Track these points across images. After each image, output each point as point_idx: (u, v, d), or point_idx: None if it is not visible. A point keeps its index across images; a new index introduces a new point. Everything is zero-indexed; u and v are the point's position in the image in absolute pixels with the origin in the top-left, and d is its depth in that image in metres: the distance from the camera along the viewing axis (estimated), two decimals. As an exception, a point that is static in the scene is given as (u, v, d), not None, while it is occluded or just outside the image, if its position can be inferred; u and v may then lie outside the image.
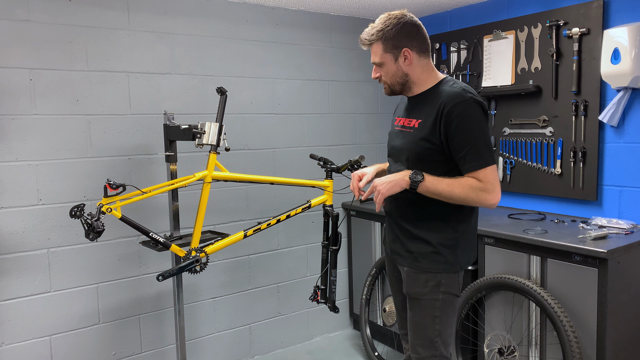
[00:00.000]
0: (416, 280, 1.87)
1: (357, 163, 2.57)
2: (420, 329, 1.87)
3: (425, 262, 1.85)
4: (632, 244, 2.25)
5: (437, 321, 1.84)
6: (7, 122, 2.42)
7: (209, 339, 3.10)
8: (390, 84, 1.88)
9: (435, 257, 1.83)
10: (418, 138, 1.80)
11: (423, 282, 1.85)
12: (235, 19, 3.05)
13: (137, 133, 2.76)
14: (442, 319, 1.85)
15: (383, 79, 1.88)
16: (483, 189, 1.70)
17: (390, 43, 1.80)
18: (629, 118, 2.58)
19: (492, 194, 1.71)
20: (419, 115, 1.84)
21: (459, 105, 1.70)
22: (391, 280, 2.15)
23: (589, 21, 2.66)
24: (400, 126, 1.94)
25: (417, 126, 1.82)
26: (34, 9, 2.45)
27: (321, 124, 3.46)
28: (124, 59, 2.70)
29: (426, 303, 1.85)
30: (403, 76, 1.84)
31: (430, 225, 1.84)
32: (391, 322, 3.22)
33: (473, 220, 1.90)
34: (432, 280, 1.84)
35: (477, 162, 1.70)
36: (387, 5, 3.24)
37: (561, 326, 2.24)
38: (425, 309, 1.86)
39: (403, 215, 1.90)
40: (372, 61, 1.88)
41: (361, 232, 3.50)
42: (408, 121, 1.88)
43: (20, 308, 2.50)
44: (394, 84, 1.87)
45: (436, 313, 1.84)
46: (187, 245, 2.32)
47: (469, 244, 1.89)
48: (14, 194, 2.46)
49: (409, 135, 1.86)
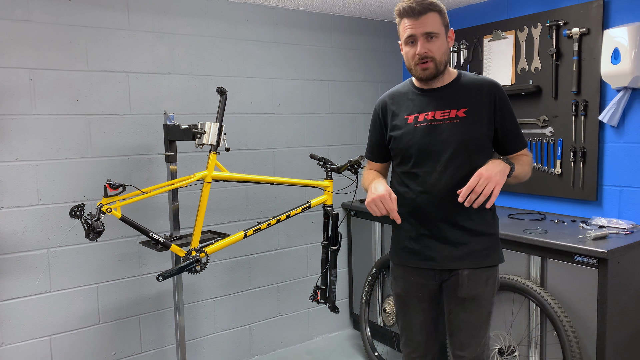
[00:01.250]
0: (478, 280, 1.77)
1: (357, 163, 2.57)
2: (475, 328, 1.80)
3: (491, 256, 1.79)
4: (632, 244, 2.25)
5: (490, 317, 1.83)
6: (7, 122, 2.42)
7: (209, 339, 3.10)
8: (438, 62, 1.71)
9: (496, 249, 1.81)
10: (471, 126, 1.72)
11: (484, 280, 1.77)
12: (235, 19, 3.05)
13: (137, 133, 2.76)
14: (491, 314, 1.84)
15: (431, 55, 1.69)
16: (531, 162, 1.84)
17: (445, 17, 1.71)
18: (629, 118, 2.58)
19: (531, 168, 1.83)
20: (459, 104, 1.75)
21: (502, 91, 1.78)
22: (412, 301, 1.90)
23: (589, 21, 2.66)
24: (428, 121, 1.77)
25: (466, 115, 1.73)
26: (34, 9, 2.45)
27: (321, 124, 3.46)
28: (124, 59, 2.70)
29: (484, 302, 1.79)
30: (448, 56, 1.76)
31: (486, 216, 1.78)
32: (391, 322, 3.22)
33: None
34: (491, 277, 1.80)
35: (524, 140, 1.82)
36: (387, 5, 3.25)
37: (561, 326, 2.24)
38: (482, 308, 1.79)
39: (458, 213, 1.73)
40: (424, 31, 1.67)
41: (361, 232, 3.50)
42: (443, 113, 1.75)
43: (20, 308, 2.50)
44: (441, 63, 1.72)
45: (491, 309, 1.81)
46: (187, 245, 2.32)
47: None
48: (14, 194, 2.46)
49: (457, 126, 1.73)
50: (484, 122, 1.74)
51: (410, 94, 1.86)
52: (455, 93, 1.77)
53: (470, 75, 1.82)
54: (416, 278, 1.87)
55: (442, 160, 1.74)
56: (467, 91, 1.76)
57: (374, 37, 3.65)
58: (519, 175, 1.75)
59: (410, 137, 1.80)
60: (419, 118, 1.80)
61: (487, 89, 1.75)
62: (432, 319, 1.92)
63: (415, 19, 1.67)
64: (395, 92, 1.93)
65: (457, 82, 1.79)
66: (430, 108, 1.79)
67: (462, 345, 1.83)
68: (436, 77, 1.74)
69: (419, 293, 1.88)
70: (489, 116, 1.74)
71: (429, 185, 1.76)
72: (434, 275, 1.83)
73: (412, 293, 1.89)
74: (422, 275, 1.85)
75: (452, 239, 1.77)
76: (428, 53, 1.69)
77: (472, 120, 1.73)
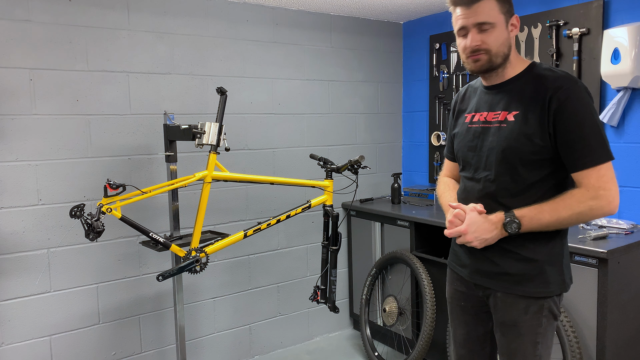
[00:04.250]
0: (514, 305, 1.55)
1: (357, 163, 2.57)
2: (517, 356, 1.58)
3: (530, 285, 1.53)
4: (632, 244, 2.25)
5: (538, 347, 1.55)
6: (7, 122, 2.42)
7: (209, 339, 3.10)
8: (494, 54, 1.49)
9: (542, 279, 1.52)
10: (517, 134, 1.48)
11: (523, 308, 1.54)
12: (235, 19, 3.05)
13: (137, 133, 2.76)
14: (544, 344, 1.56)
15: (485, 47, 1.48)
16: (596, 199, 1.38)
17: (505, 4, 1.48)
18: (629, 118, 2.58)
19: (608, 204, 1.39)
20: (513, 105, 1.52)
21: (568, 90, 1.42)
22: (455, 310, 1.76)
23: (589, 21, 2.66)
24: (480, 122, 1.60)
25: (514, 119, 1.50)
26: (34, 9, 2.45)
27: (321, 124, 3.46)
28: (124, 59, 2.70)
29: (526, 329, 1.55)
30: (509, 48, 1.51)
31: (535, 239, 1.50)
32: (391, 322, 3.22)
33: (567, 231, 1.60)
34: (534, 305, 1.53)
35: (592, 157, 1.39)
36: (387, 6, 3.25)
37: (561, 326, 2.24)
38: (524, 336, 1.55)
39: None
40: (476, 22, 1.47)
41: (361, 232, 3.50)
42: (495, 115, 1.56)
43: (20, 308, 2.50)
44: (498, 55, 1.49)
45: (538, 339, 1.55)
46: (187, 245, 2.32)
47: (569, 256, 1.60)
48: (14, 194, 2.46)
49: (502, 132, 1.52)
50: (532, 130, 1.46)
51: (478, 90, 1.67)
52: (513, 91, 1.53)
53: (543, 68, 1.51)
54: (458, 285, 1.72)
55: (482, 168, 1.58)
56: (527, 90, 1.49)
57: (374, 37, 3.65)
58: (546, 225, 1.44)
59: (462, 138, 1.67)
60: (475, 118, 1.63)
61: (546, 88, 1.45)
62: (477, 336, 1.72)
63: (467, 7, 1.47)
64: (469, 86, 1.75)
65: (521, 78, 1.52)
66: (486, 107, 1.60)
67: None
68: (490, 71, 1.53)
69: (462, 302, 1.72)
70: (540, 122, 1.45)
71: (469, 192, 1.63)
72: (473, 287, 1.66)
73: (455, 301, 1.75)
74: (463, 284, 1.70)
75: (481, 253, 1.58)
76: (481, 45, 1.48)
77: (519, 126, 1.48)
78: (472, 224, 1.49)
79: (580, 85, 1.44)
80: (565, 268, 1.56)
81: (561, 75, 1.47)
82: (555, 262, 1.53)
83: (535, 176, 1.49)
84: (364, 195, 3.66)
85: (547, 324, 1.55)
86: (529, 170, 1.49)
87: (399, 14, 3.54)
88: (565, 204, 1.43)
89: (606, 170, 1.40)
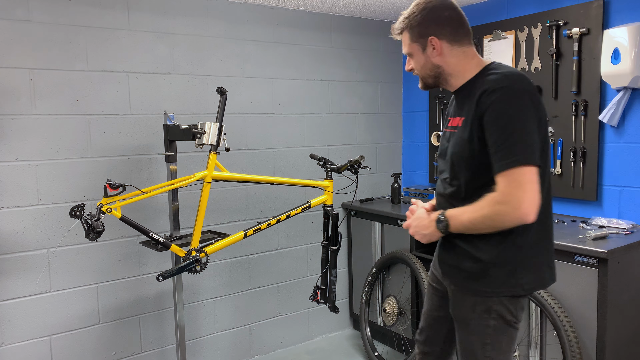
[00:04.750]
0: (463, 302, 1.60)
1: (357, 163, 2.57)
2: (469, 355, 1.62)
3: (474, 284, 1.56)
4: (632, 244, 2.25)
5: (487, 348, 1.56)
6: (7, 122, 2.42)
7: (209, 339, 3.10)
8: (422, 76, 1.65)
9: (486, 280, 1.54)
10: (459, 139, 1.54)
11: (471, 306, 1.58)
12: (235, 19, 3.05)
13: (137, 133, 2.76)
14: (495, 347, 1.56)
15: (415, 72, 1.67)
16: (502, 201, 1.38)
17: (416, 31, 1.59)
18: (629, 118, 2.58)
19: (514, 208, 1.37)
20: (462, 111, 1.56)
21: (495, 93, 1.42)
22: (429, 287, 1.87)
23: (589, 21, 2.66)
24: (449, 127, 1.67)
25: (461, 125, 1.56)
26: (34, 9, 2.45)
27: (321, 124, 3.46)
28: (124, 59, 2.70)
29: (474, 328, 1.58)
30: (434, 68, 1.60)
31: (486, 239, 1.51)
32: (391, 322, 3.22)
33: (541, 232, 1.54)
34: (481, 305, 1.55)
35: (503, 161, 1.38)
36: (387, 6, 3.25)
37: (561, 326, 2.24)
38: (473, 334, 1.59)
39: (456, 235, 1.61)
40: (404, 52, 1.67)
41: (361, 232, 3.50)
42: (452, 120, 1.64)
43: (20, 308, 2.50)
44: (425, 77, 1.64)
45: (487, 340, 1.56)
46: (187, 245, 2.32)
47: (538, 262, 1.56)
48: (14, 194, 2.46)
49: (454, 137, 1.59)
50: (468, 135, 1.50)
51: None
52: (465, 96, 1.57)
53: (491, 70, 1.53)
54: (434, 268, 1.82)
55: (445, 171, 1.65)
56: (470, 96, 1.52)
57: (374, 37, 3.65)
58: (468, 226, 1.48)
59: (440, 142, 1.75)
60: (448, 123, 1.70)
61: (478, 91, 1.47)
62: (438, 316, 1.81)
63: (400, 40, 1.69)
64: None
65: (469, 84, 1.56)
66: (453, 113, 1.67)
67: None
68: (434, 86, 1.67)
69: (433, 284, 1.82)
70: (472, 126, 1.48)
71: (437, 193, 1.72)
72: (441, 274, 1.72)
73: (430, 279, 1.86)
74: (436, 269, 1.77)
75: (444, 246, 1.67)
76: (412, 70, 1.68)
77: (463, 132, 1.53)
78: (415, 219, 1.64)
79: (513, 86, 1.43)
80: (520, 271, 1.53)
81: (497, 78, 1.46)
82: (505, 264, 1.52)
83: (480, 181, 1.49)
84: (364, 195, 3.66)
85: (496, 326, 1.55)
86: (473, 175, 1.51)
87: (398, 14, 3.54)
88: (479, 206, 1.44)
89: (519, 175, 1.37)
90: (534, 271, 1.55)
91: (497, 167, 1.40)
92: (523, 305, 1.59)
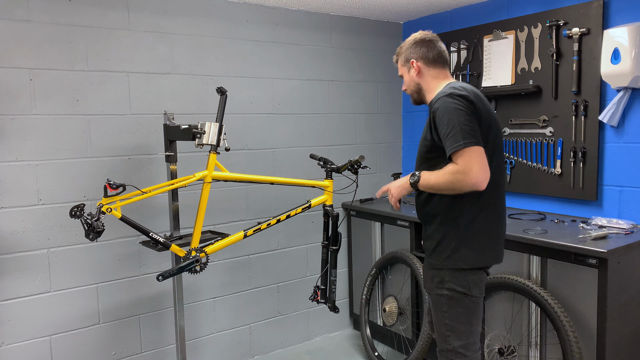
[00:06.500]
0: (426, 275, 2.03)
1: (357, 163, 2.57)
2: (436, 323, 2.00)
3: (430, 258, 1.98)
4: (632, 244, 2.25)
5: (445, 316, 1.94)
6: (7, 122, 2.42)
7: (209, 339, 3.10)
8: (410, 92, 2.10)
9: (436, 252, 1.95)
10: (423, 139, 1.98)
11: (430, 277, 1.99)
12: (235, 19, 3.05)
13: (137, 133, 2.76)
14: (451, 315, 1.93)
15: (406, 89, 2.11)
16: (457, 170, 1.76)
17: (403, 57, 2.07)
18: (629, 118, 2.58)
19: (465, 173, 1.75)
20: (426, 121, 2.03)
21: (439, 101, 1.86)
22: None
23: (589, 21, 2.66)
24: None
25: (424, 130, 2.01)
26: (34, 9, 2.45)
27: (321, 124, 3.46)
28: (124, 59, 2.70)
29: (434, 298, 1.98)
30: (416, 85, 2.04)
31: (434, 222, 1.97)
32: (391, 322, 3.22)
33: (483, 218, 1.91)
34: (436, 277, 1.96)
35: (453, 145, 1.78)
36: (387, 6, 3.25)
37: (561, 326, 2.24)
38: (435, 304, 1.98)
39: (421, 218, 2.07)
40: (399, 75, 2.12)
41: (361, 232, 3.50)
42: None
43: (20, 308, 2.50)
44: (412, 93, 2.09)
45: (444, 308, 1.94)
46: (187, 245, 2.32)
47: (479, 243, 1.91)
48: (14, 194, 2.46)
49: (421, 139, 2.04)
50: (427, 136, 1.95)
51: None
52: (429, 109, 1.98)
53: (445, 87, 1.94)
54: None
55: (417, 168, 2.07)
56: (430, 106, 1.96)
57: (374, 37, 3.65)
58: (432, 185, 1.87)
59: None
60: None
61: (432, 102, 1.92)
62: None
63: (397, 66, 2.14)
64: None
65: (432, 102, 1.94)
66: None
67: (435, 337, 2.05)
68: (417, 103, 2.11)
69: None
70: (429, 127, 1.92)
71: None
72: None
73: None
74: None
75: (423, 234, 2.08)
76: (406, 91, 2.12)
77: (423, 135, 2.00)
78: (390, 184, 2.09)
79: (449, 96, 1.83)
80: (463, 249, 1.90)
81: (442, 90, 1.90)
82: (450, 242, 1.91)
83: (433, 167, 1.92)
84: (364, 195, 3.66)
85: (449, 296, 1.92)
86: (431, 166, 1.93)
87: (399, 14, 3.54)
88: (443, 173, 1.82)
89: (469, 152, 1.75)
90: (476, 251, 1.91)
91: (450, 149, 1.77)
92: (477, 280, 1.92)
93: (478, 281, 1.93)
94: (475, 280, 1.92)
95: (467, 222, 1.90)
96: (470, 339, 1.95)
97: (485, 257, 1.94)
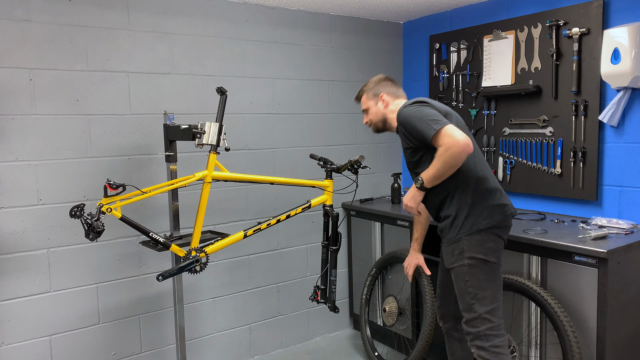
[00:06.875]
0: (447, 252, 2.17)
1: (357, 163, 2.57)
2: (460, 295, 2.14)
3: (449, 234, 2.15)
4: (632, 244, 2.25)
5: (468, 285, 2.09)
6: (7, 122, 2.42)
7: (209, 339, 3.10)
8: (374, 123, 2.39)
9: (454, 226, 2.13)
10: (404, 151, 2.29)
11: (451, 252, 2.15)
12: (235, 19, 3.05)
13: (137, 133, 2.76)
14: (474, 283, 2.08)
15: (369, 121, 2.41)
16: (445, 148, 1.99)
17: (370, 93, 2.38)
18: (629, 118, 2.58)
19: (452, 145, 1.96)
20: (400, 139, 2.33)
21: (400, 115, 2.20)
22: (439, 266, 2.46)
23: (589, 21, 2.66)
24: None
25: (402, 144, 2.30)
26: (34, 9, 2.45)
27: (321, 124, 3.46)
28: (124, 59, 2.70)
29: (457, 270, 2.13)
30: (382, 115, 2.35)
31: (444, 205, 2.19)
32: (391, 322, 3.22)
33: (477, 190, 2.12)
34: (456, 249, 2.12)
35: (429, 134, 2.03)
36: (387, 5, 3.25)
37: (561, 326, 2.24)
38: (458, 276, 2.13)
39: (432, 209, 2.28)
40: (362, 109, 2.42)
41: (361, 232, 3.50)
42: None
43: (20, 308, 2.50)
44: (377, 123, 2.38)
45: (466, 277, 2.10)
46: (187, 245, 2.32)
47: (482, 209, 2.11)
48: (14, 194, 2.46)
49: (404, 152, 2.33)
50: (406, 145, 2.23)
51: None
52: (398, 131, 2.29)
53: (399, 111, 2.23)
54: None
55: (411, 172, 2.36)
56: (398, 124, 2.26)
57: (374, 37, 3.65)
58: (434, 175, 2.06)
59: None
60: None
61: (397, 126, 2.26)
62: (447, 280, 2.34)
63: (358, 101, 2.47)
64: None
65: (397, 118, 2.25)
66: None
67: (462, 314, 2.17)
68: (380, 132, 2.44)
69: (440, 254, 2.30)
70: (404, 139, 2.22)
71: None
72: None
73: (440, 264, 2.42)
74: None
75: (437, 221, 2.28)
76: (367, 122, 2.42)
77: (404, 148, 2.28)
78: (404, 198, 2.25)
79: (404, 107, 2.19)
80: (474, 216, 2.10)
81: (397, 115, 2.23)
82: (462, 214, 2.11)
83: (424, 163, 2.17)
84: (364, 195, 3.66)
85: (471, 264, 2.09)
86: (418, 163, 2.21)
87: (399, 14, 3.54)
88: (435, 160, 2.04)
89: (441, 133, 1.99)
90: (486, 214, 2.10)
91: (429, 138, 2.02)
92: (494, 247, 2.09)
93: (495, 248, 2.09)
94: (493, 247, 2.09)
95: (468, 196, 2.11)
96: (495, 305, 2.08)
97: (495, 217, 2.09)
